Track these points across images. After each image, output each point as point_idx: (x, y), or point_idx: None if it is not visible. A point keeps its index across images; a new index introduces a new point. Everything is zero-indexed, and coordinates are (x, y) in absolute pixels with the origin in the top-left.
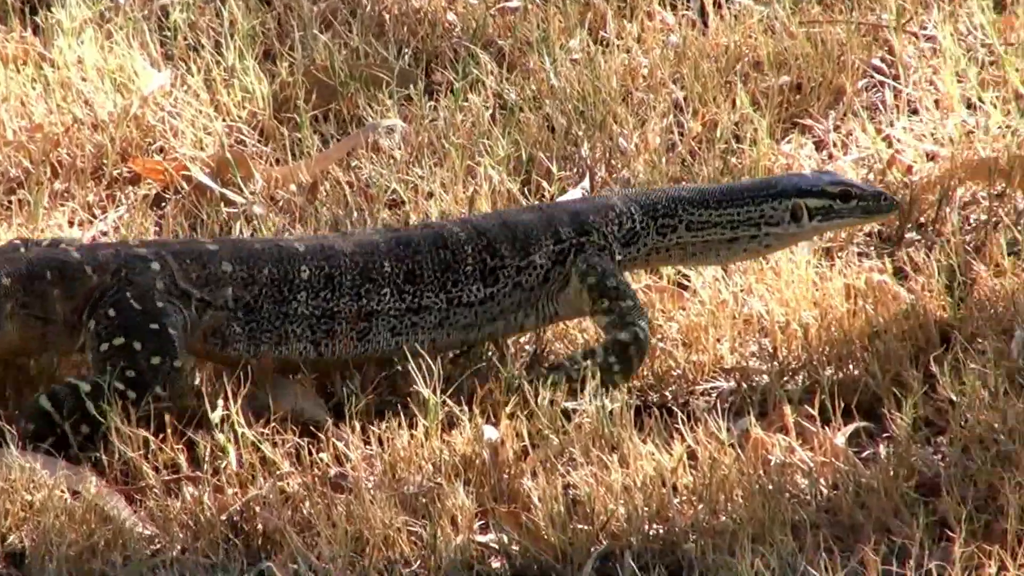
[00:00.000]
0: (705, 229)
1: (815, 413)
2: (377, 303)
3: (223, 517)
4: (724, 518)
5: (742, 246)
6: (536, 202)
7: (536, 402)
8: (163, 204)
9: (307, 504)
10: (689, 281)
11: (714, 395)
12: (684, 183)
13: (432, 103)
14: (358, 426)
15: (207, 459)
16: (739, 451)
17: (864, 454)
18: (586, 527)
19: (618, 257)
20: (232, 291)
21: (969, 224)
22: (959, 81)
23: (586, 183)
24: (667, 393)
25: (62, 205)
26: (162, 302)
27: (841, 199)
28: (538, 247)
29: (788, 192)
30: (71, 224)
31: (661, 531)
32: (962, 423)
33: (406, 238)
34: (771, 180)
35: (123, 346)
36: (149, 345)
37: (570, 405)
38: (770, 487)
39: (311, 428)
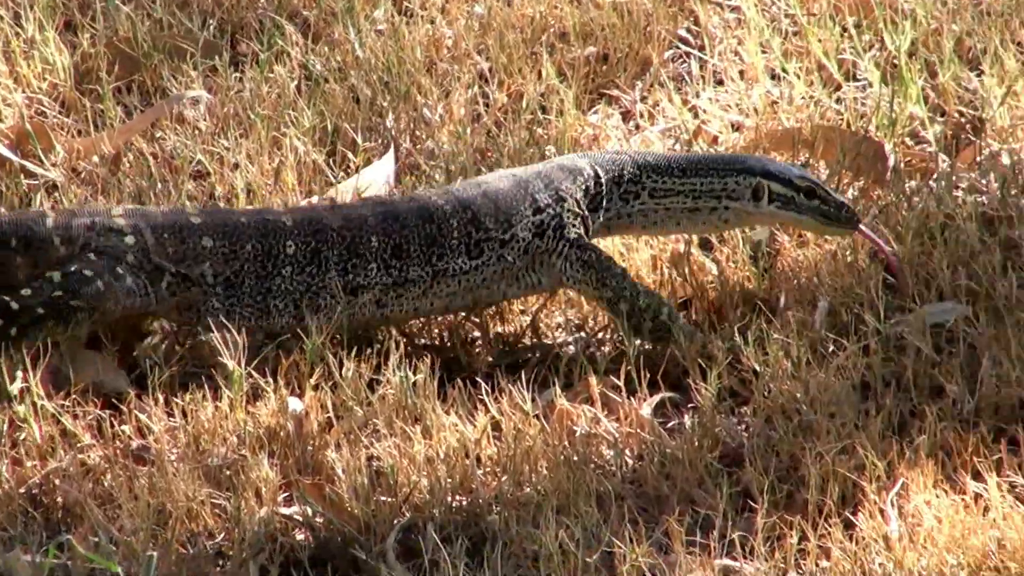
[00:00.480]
0: (668, 197)
1: (621, 384)
2: (364, 278)
3: (22, 490)
4: (528, 489)
5: (702, 217)
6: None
7: (340, 374)
8: None
9: (108, 477)
10: None
11: (519, 366)
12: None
13: (238, 74)
14: (161, 398)
15: (5, 431)
16: (544, 422)
17: (669, 425)
18: (389, 499)
19: (590, 224)
20: (211, 266)
21: None
22: (763, 52)
23: (391, 154)
24: (472, 363)
25: None
26: (122, 270)
27: (805, 195)
28: (520, 218)
29: (754, 170)
30: None
31: (464, 502)
32: (765, 393)
33: (393, 212)
34: (740, 156)
35: (49, 277)
36: (63, 282)
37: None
38: (575, 458)
39: (113, 400)
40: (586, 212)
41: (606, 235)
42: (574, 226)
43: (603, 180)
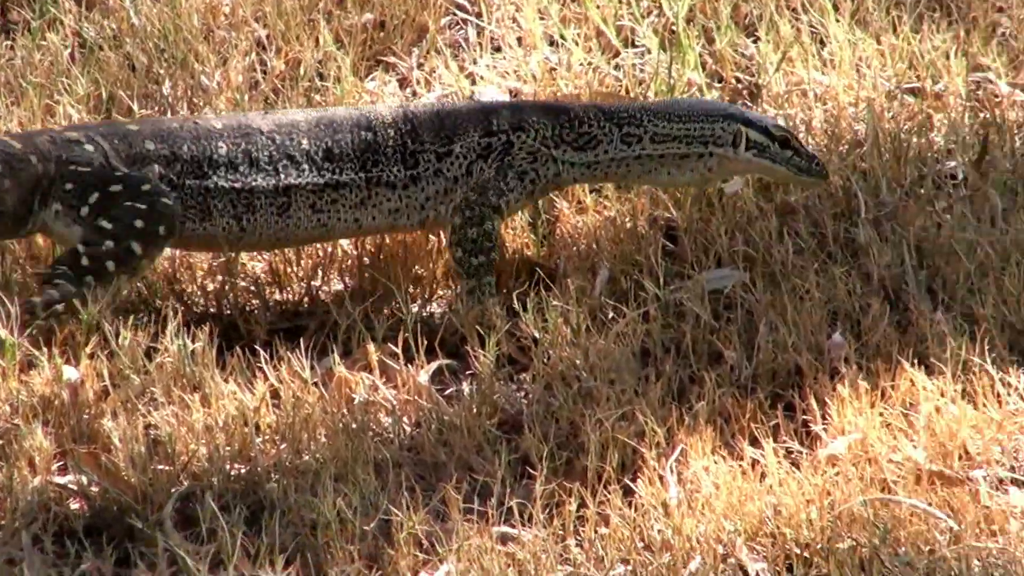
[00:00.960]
0: (665, 143)
1: (399, 351)
2: (295, 177)
3: None
4: (307, 457)
5: (690, 164)
6: None
7: (117, 342)
8: None
9: None
10: None
11: (298, 333)
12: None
13: (9, 42)
14: None
15: None
16: (322, 390)
17: (447, 392)
18: (167, 467)
19: (565, 158)
20: (158, 168)
21: None
22: (541, 18)
23: None
24: (251, 331)
25: None
26: None
27: (780, 144)
28: (463, 136)
29: (736, 117)
30: None
31: (243, 471)
32: (545, 360)
33: (328, 118)
34: (720, 103)
35: (101, 196)
36: (126, 187)
37: None
38: (353, 426)
39: None
40: (556, 150)
41: (604, 180)
42: (523, 158)
43: (598, 120)
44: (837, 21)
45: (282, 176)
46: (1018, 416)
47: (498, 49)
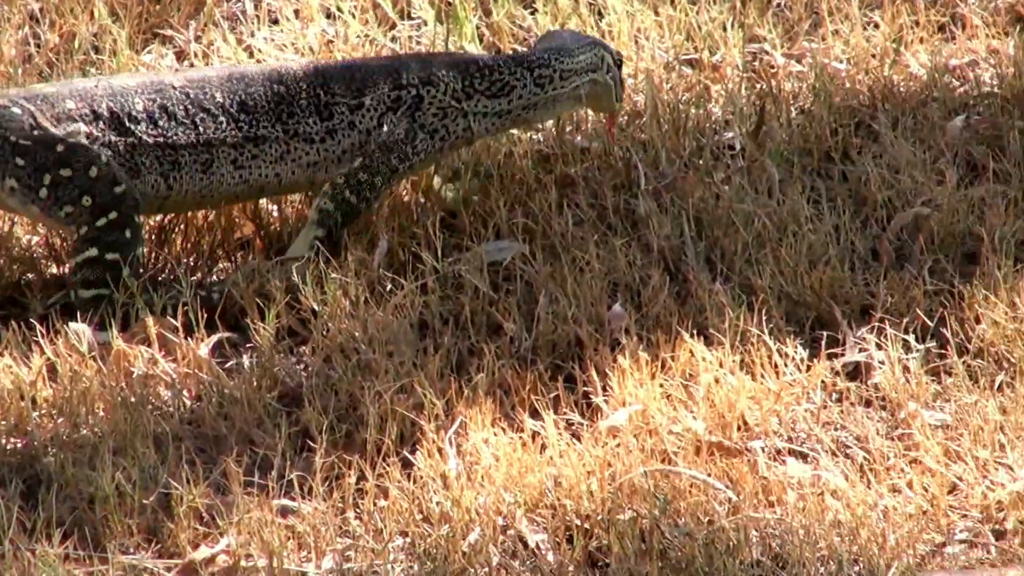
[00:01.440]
0: (569, 78)
1: (178, 324)
2: (214, 131)
3: None
4: (85, 431)
5: (577, 93)
6: None
7: None
8: None
9: None
10: None
11: (76, 307)
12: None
13: None
14: None
15: None
16: (101, 363)
17: (228, 365)
18: None
19: (477, 109)
20: (84, 126)
21: None
22: None
23: None
24: (27, 305)
25: None
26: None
27: (618, 65)
28: (374, 88)
29: (599, 43)
30: None
31: (19, 445)
32: (324, 333)
33: (240, 73)
34: (577, 32)
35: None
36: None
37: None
38: (132, 399)
39: None
40: (463, 104)
41: (512, 127)
42: (433, 114)
43: (509, 67)
44: None
45: (202, 130)
46: (795, 387)
47: (275, 21)
